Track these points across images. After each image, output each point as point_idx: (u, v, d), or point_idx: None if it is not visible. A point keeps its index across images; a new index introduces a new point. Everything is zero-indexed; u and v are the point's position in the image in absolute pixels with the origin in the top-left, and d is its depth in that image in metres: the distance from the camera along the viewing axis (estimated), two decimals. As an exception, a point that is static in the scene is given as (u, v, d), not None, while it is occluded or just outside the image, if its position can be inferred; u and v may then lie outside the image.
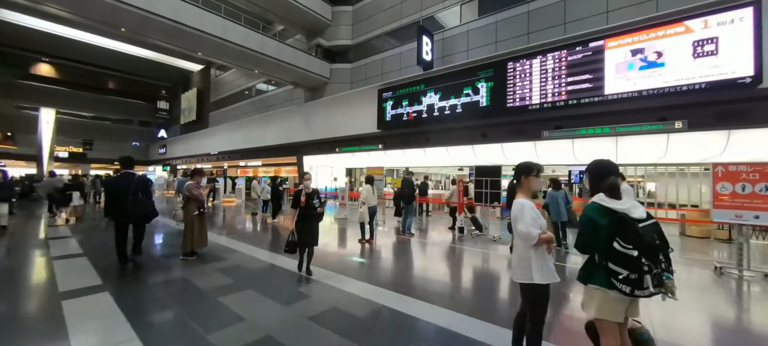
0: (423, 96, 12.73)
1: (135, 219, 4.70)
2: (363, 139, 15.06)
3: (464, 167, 16.30)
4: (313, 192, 4.23)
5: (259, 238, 7.45)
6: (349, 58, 18.50)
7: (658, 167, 10.39)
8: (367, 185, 7.26)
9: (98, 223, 9.29)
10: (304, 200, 3.96)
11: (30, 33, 26.47)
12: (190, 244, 4.72)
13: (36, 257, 5.21)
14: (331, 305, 3.39)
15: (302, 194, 4.15)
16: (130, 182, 4.61)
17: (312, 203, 4.00)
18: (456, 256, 6.15)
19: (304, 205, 3.98)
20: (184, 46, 13.50)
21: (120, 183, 4.65)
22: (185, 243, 4.74)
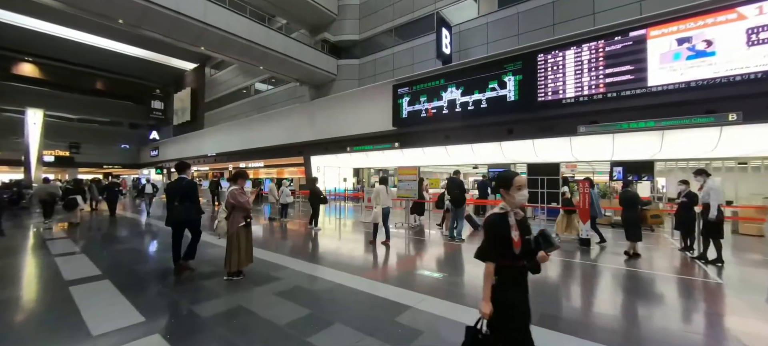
0: (443, 91, 12.11)
1: (177, 223, 4.56)
2: (376, 137, 14.36)
3: (479, 165, 15.77)
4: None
5: (299, 248, 6.68)
6: (357, 53, 17.76)
7: (710, 162, 9.93)
8: (380, 185, 6.88)
9: (100, 230, 8.41)
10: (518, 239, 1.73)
11: (11, 30, 24.95)
12: (236, 262, 3.94)
13: (49, 284, 4.34)
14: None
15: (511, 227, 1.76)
16: (178, 186, 4.60)
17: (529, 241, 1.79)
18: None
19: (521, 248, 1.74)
20: (186, 39, 12.58)
21: (172, 188, 4.71)
22: (230, 261, 3.94)
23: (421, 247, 6.64)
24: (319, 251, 6.25)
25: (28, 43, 27.21)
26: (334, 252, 6.18)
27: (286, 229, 9.11)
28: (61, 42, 26.79)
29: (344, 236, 8.07)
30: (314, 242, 7.16)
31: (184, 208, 4.53)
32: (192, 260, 4.73)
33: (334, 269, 4.90)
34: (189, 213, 4.56)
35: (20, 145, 24.47)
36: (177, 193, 4.57)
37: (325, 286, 4.09)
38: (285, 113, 19.22)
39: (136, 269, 4.80)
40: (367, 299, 3.66)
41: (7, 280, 4.42)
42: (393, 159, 14.60)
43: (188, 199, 4.59)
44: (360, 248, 6.38)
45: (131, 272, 4.68)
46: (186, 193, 4.56)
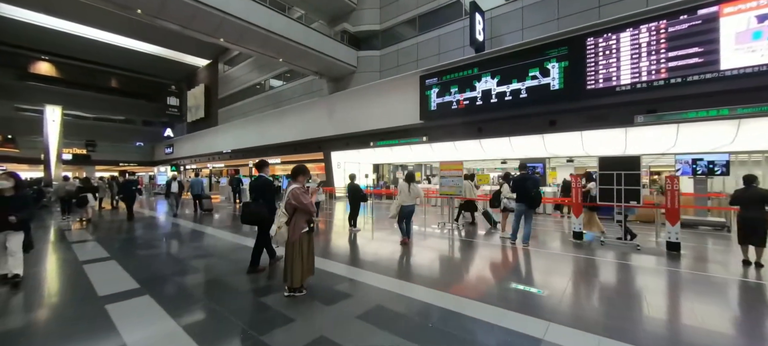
0: (476, 81, 11.34)
1: (248, 222, 4.50)
2: (402, 131, 13.68)
3: (507, 160, 14.99)
4: None
5: (350, 252, 5.87)
6: (378, 44, 17.04)
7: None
8: (403, 182, 6.46)
9: (124, 232, 7.98)
10: None
11: (28, 29, 25.01)
12: (299, 275, 3.27)
13: (82, 300, 3.79)
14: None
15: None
16: (255, 184, 4.63)
17: None
18: (630, 274, 4.73)
19: None
20: (204, 30, 12.05)
21: (251, 186, 4.73)
22: (291, 274, 3.24)
23: (489, 253, 5.78)
24: (374, 256, 5.53)
25: (45, 41, 27.30)
26: (390, 258, 5.41)
27: (318, 229, 8.54)
28: (77, 40, 26.77)
29: (389, 237, 7.37)
30: (364, 245, 6.50)
31: (256, 206, 4.40)
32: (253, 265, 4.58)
33: (407, 280, 4.18)
34: (258, 211, 4.38)
35: (39, 143, 24.62)
36: (253, 190, 4.57)
37: (415, 307, 3.34)
38: (303, 108, 18.66)
39: (178, 281, 4.26)
40: (485, 329, 2.91)
41: (36, 294, 3.92)
42: (421, 154, 13.93)
43: (262, 197, 4.46)
44: (419, 253, 5.68)
45: (174, 284, 4.14)
46: (261, 190, 4.47)
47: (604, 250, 5.72)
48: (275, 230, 3.05)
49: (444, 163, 7.55)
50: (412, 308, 3.32)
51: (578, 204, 6.11)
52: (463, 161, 7.32)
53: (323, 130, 16.91)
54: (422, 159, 15.30)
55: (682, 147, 8.67)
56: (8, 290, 3.89)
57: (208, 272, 4.65)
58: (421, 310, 3.28)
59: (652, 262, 5.11)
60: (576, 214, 6.14)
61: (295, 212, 3.08)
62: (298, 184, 3.18)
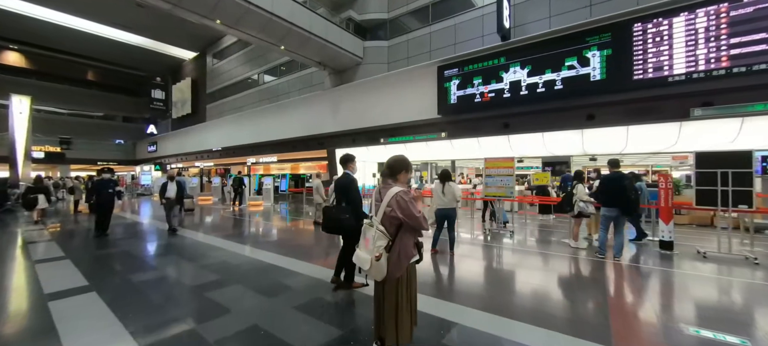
0: (504, 71, 10.38)
1: (330, 231, 3.56)
2: (417, 127, 12.62)
3: (531, 158, 14.19)
4: None
5: (423, 279, 4.23)
6: (386, 34, 15.90)
7: None
8: (436, 182, 5.62)
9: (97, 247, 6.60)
10: None
11: (-7, 14, 22.62)
12: (408, 330, 2.02)
13: None
14: None
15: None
16: (340, 183, 3.77)
17: None
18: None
19: None
20: (198, 9, 10.62)
21: (336, 186, 3.87)
22: (397, 330, 1.99)
23: (591, 273, 4.46)
24: (449, 278, 4.34)
25: (14, 29, 24.85)
26: (472, 280, 4.22)
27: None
28: (50, 27, 24.45)
29: (444, 247, 6.19)
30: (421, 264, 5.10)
31: (338, 211, 3.51)
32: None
33: (521, 321, 2.98)
34: (341, 218, 3.45)
35: (6, 140, 22.33)
36: (337, 191, 3.77)
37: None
38: (303, 102, 17.34)
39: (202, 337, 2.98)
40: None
41: None
42: (438, 151, 12.90)
43: (346, 199, 3.56)
44: (498, 275, 4.56)
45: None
46: (343, 191, 3.61)
47: (707, 263, 4.79)
48: (367, 260, 1.89)
49: (490, 159, 6.53)
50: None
51: (668, 208, 5.19)
52: (514, 158, 6.32)
53: (326, 126, 15.68)
54: (440, 156, 14.29)
55: (744, 143, 7.91)
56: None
57: (244, 314, 3.09)
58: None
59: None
60: (666, 220, 5.21)
61: (400, 229, 1.97)
62: (401, 185, 2.05)
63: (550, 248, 5.84)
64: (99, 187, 7.38)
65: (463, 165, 18.06)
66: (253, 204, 12.82)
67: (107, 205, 7.31)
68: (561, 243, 6.05)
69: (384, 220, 1.96)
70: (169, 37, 27.29)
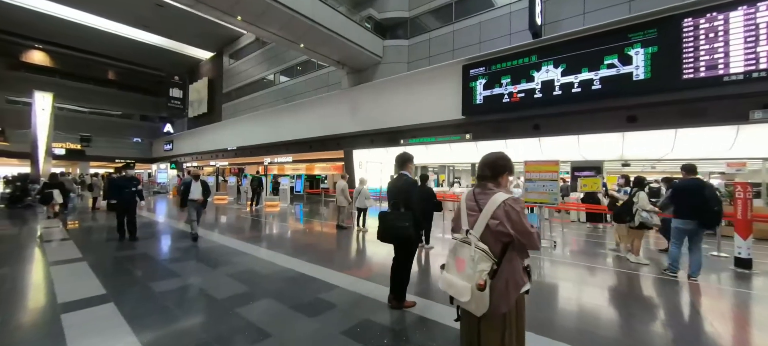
0: (535, 70, 9.84)
1: (387, 240, 3.13)
2: (440, 128, 12.15)
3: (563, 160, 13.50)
4: None
5: None
6: (406, 33, 15.51)
7: None
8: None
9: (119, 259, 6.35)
10: None
11: (21, 14, 23.22)
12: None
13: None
14: None
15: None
16: (397, 186, 3.26)
17: None
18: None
19: None
20: (220, 5, 10.43)
21: (392, 189, 3.37)
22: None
23: (676, 297, 3.82)
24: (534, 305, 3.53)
25: (40, 29, 25.53)
26: (546, 305, 3.56)
27: (358, 239, 6.94)
28: (73, 27, 25.01)
29: None
30: None
31: (397, 216, 3.04)
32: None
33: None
34: (400, 225, 3.00)
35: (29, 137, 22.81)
36: (394, 195, 3.23)
37: None
38: (320, 102, 17.07)
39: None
40: None
41: None
42: (462, 153, 12.40)
43: (404, 204, 3.07)
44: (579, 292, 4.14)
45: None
46: (402, 194, 3.11)
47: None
48: (466, 289, 1.46)
49: (531, 162, 6.03)
50: None
51: (746, 221, 4.60)
52: (558, 161, 5.80)
53: (344, 126, 15.35)
54: (463, 159, 13.75)
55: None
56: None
57: (290, 343, 2.61)
58: None
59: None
60: (744, 234, 4.62)
61: (506, 249, 1.55)
62: (505, 191, 1.60)
63: (607, 263, 5.27)
64: (119, 185, 6.57)
65: None
66: (269, 205, 12.55)
67: (128, 205, 6.51)
68: (618, 257, 5.46)
69: (485, 236, 1.53)
70: (187, 37, 27.58)
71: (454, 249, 1.58)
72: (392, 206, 3.19)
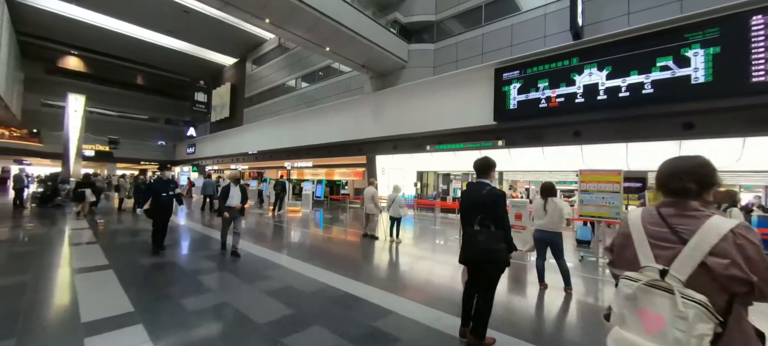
0: (576, 73, 9.21)
1: (473, 262, 2.63)
2: (468, 133, 11.63)
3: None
4: None
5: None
6: (433, 37, 15.13)
7: None
8: (538, 198, 4.57)
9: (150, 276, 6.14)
10: None
11: (57, 21, 24.35)
12: None
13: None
14: None
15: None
16: (482, 198, 2.62)
17: None
18: None
19: None
20: (249, 7, 10.37)
21: (468, 199, 2.79)
22: None
23: None
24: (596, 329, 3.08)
25: (74, 34, 26.68)
26: None
27: (393, 252, 6.49)
28: (104, 33, 26.02)
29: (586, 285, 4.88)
30: (584, 311, 3.81)
31: (488, 237, 2.48)
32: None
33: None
34: (494, 248, 2.46)
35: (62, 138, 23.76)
36: (477, 208, 2.60)
37: None
38: (342, 106, 16.87)
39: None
40: None
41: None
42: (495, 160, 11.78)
43: (492, 220, 2.51)
44: None
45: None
46: (488, 208, 2.55)
47: None
48: None
49: (587, 172, 5.44)
50: None
51: None
52: (620, 171, 5.19)
53: (366, 131, 15.04)
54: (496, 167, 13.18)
55: None
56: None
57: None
58: None
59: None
60: None
61: (732, 302, 0.97)
62: (717, 213, 1.14)
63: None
64: (157, 188, 5.65)
65: (519, 177, 16.50)
66: (291, 210, 12.30)
67: (166, 211, 5.72)
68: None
69: (698, 281, 1.00)
70: (211, 43, 28.21)
71: (633, 296, 1.07)
72: (479, 223, 2.58)
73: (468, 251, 2.58)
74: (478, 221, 2.55)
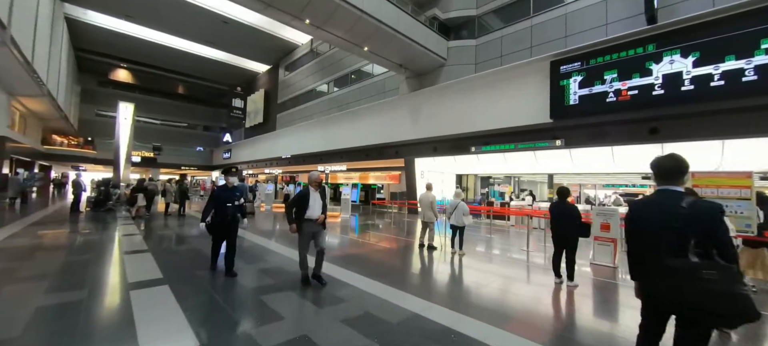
0: (653, 62, 8.10)
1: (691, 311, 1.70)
2: (519, 133, 10.71)
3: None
4: None
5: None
6: (474, 32, 14.34)
7: None
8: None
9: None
10: None
11: (110, 36, 26.14)
12: None
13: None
14: None
15: None
16: (695, 213, 1.77)
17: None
18: None
19: None
20: (290, 8, 10.19)
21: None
22: None
23: None
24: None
25: (123, 49, 28.56)
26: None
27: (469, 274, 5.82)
28: (150, 46, 27.61)
29: None
30: None
31: (721, 273, 1.61)
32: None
33: None
34: (729, 291, 1.58)
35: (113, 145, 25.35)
36: (675, 229, 1.78)
37: None
38: (377, 109, 16.43)
39: None
40: None
41: None
42: (548, 163, 10.84)
43: (714, 245, 1.70)
44: None
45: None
46: (699, 228, 1.72)
47: None
48: None
49: (702, 173, 4.49)
50: None
51: None
52: (751, 172, 4.22)
53: (403, 133, 14.47)
54: (554, 169, 12.14)
55: None
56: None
57: None
58: None
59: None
60: None
61: None
62: None
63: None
64: (222, 197, 4.54)
65: (578, 181, 14.93)
66: (330, 215, 11.94)
67: (230, 228, 4.58)
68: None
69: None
70: (246, 51, 29.09)
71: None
72: (694, 252, 1.74)
73: (672, 290, 1.76)
74: (692, 249, 1.80)
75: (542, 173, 13.83)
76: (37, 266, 4.77)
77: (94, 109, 32.43)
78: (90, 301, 3.51)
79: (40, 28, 14.45)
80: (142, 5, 21.16)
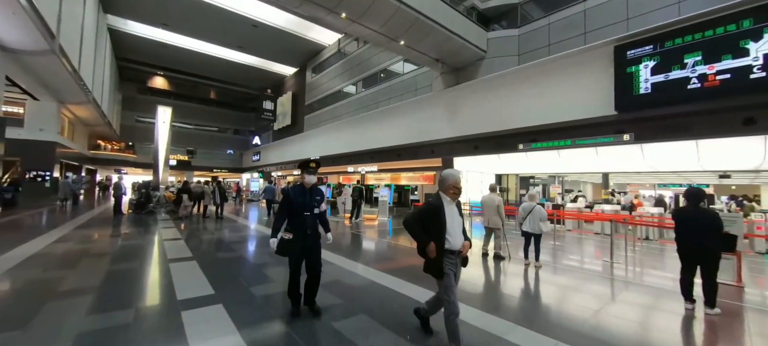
0: (750, 40, 6.90)
1: None
2: (577, 127, 9.67)
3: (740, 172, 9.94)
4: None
5: None
6: (516, 21, 13.35)
7: None
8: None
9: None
10: None
11: (149, 45, 27.30)
12: None
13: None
14: None
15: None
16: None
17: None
18: None
19: None
20: (326, 3, 9.77)
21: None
22: None
23: None
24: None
25: (161, 56, 29.81)
26: None
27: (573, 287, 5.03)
28: (185, 53, 28.60)
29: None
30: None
31: None
32: None
33: None
34: None
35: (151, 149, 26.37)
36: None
37: None
38: (409, 107, 15.77)
39: None
40: None
41: None
42: (617, 159, 9.69)
43: None
44: None
45: None
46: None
47: None
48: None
49: None
50: None
51: None
52: None
53: (439, 131, 13.72)
54: (618, 167, 10.96)
55: None
56: None
57: None
58: None
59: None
60: None
61: None
62: None
63: None
64: (297, 201, 3.24)
65: (638, 180, 13.54)
66: (367, 218, 11.45)
67: (313, 242, 3.27)
68: None
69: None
70: (274, 55, 29.45)
71: None
72: None
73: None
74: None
75: (597, 171, 12.58)
76: (81, 276, 4.51)
77: (134, 115, 34.15)
78: (138, 325, 3.09)
79: (86, 38, 15.05)
80: (177, 13, 21.82)
